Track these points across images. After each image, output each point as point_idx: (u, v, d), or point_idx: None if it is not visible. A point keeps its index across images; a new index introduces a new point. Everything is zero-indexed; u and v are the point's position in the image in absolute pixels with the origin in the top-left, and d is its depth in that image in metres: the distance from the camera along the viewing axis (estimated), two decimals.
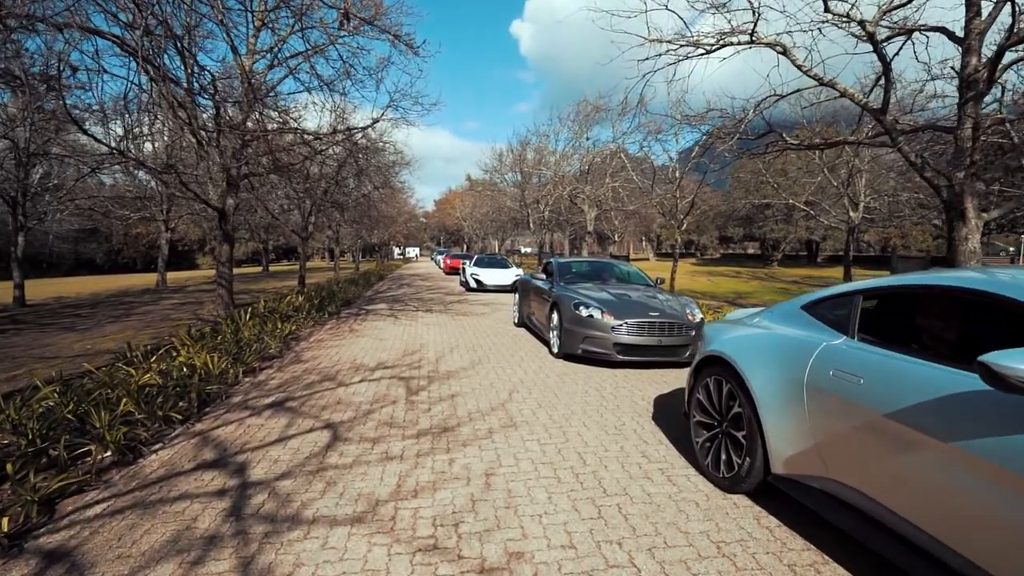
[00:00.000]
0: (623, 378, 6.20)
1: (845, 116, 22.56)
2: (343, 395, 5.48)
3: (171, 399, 5.02)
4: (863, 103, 8.90)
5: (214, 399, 5.56)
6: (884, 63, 8.23)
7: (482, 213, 54.18)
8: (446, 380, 6.09)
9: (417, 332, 9.78)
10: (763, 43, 9.70)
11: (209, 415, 5.02)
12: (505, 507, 3.05)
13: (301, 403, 5.22)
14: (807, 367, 2.62)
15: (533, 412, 4.84)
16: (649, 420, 4.65)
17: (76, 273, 45.66)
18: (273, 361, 7.45)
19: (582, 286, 7.90)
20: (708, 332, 3.73)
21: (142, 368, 6.07)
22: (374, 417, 4.75)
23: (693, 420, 3.59)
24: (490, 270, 20.19)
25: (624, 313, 6.55)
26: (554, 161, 30.97)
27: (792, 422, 2.66)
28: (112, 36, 7.23)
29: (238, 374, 6.44)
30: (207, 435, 4.41)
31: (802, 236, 41.61)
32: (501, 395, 5.43)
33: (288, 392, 5.65)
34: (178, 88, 8.63)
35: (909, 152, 8.38)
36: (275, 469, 3.62)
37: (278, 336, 8.64)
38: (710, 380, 3.38)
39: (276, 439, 4.23)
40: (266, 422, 4.68)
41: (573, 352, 6.81)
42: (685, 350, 6.63)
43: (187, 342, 7.44)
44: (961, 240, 7.96)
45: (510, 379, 6.12)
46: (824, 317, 2.82)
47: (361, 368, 6.75)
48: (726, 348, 3.25)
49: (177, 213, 25.87)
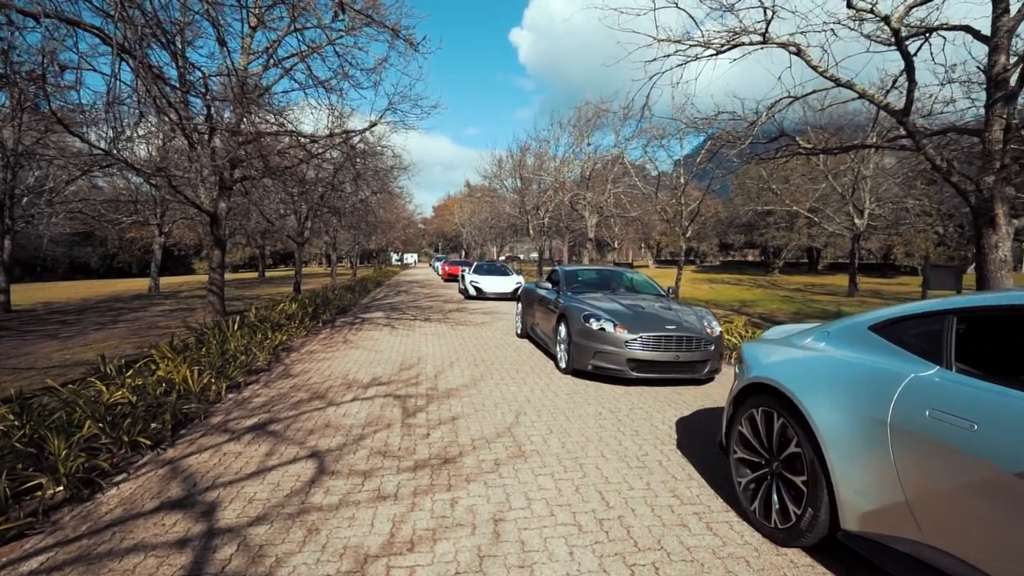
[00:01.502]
0: (638, 397, 5.72)
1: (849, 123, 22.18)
2: (333, 417, 4.98)
3: (141, 421, 4.52)
4: (883, 104, 8.48)
5: (192, 419, 5.07)
6: (908, 62, 7.81)
7: (481, 219, 53.79)
8: (446, 399, 5.59)
9: (415, 343, 9.28)
10: (776, 43, 9.31)
11: (184, 439, 4.52)
12: (519, 566, 2.55)
13: (286, 426, 4.72)
14: (890, 403, 2.15)
15: (544, 439, 4.35)
16: (674, 449, 4.16)
17: (71, 277, 45.09)
18: (260, 375, 6.95)
19: (590, 296, 7.42)
20: (750, 354, 3.24)
21: (115, 384, 5.58)
22: (366, 444, 4.25)
23: (734, 456, 3.11)
24: (490, 277, 19.68)
25: (638, 326, 6.07)
26: (554, 167, 30.58)
27: (871, 470, 2.18)
28: (92, 27, 6.77)
29: (221, 390, 5.94)
30: (178, 464, 3.91)
31: (803, 243, 41.26)
32: (507, 418, 4.94)
33: (273, 412, 5.16)
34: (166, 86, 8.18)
35: (935, 155, 7.95)
36: (249, 511, 3.13)
37: (267, 347, 8.14)
38: (756, 412, 2.90)
39: (254, 471, 3.73)
40: (245, 449, 4.18)
41: (583, 368, 6.32)
42: (704, 366, 6.15)
43: (168, 354, 6.94)
44: (991, 248, 7.51)
45: (516, 398, 5.62)
46: (904, 341, 2.35)
47: (354, 384, 6.25)
48: (778, 375, 2.77)
49: (171, 217, 25.37)
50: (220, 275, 13.75)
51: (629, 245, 68.42)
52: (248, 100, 9.30)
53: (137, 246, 46.53)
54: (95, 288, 29.63)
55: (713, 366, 6.24)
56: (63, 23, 5.94)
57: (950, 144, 12.02)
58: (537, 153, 32.50)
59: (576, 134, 28.13)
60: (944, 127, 8.63)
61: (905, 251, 32.83)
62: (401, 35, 7.25)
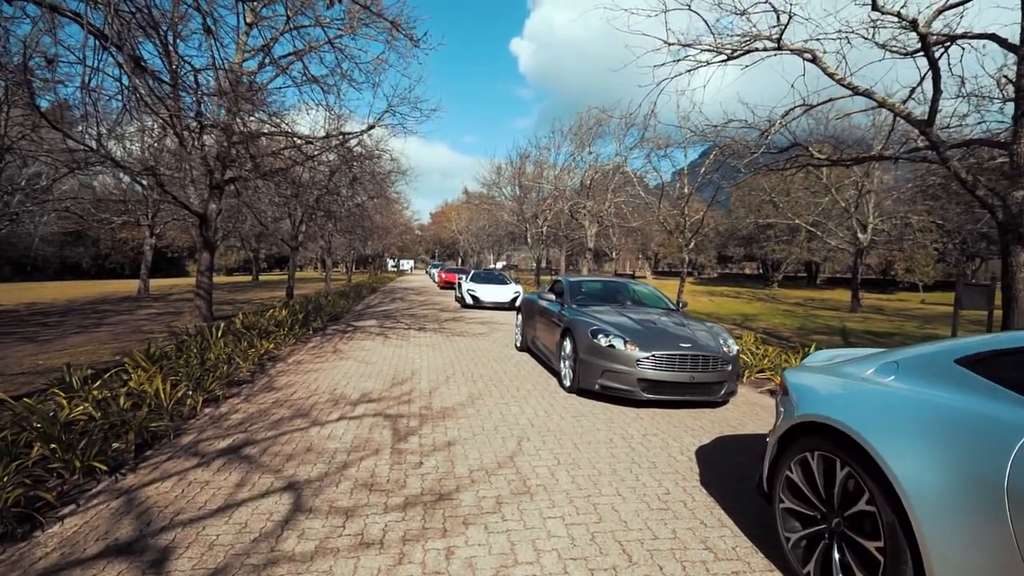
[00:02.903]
0: (651, 421, 5.25)
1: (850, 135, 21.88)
2: (316, 439, 4.50)
3: (100, 442, 4.03)
4: (905, 114, 8.11)
5: (160, 438, 4.58)
6: (935, 69, 7.44)
7: (478, 227, 53.43)
8: (441, 420, 5.11)
9: (408, 355, 8.80)
10: (790, 49, 8.96)
11: (148, 462, 4.03)
12: None
13: (263, 449, 4.24)
14: (1007, 461, 1.70)
15: (551, 471, 3.87)
16: (698, 486, 3.69)
17: (62, 278, 44.37)
18: (242, 387, 6.46)
19: (597, 309, 6.96)
20: (797, 385, 2.79)
21: (79, 396, 5.09)
22: (350, 474, 3.77)
23: (780, 506, 2.65)
24: (487, 286, 19.18)
25: (651, 344, 5.61)
26: (554, 175, 30.23)
27: (981, 545, 1.73)
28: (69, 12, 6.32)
29: (197, 405, 5.45)
30: (135, 495, 3.42)
31: (803, 257, 41.02)
32: (508, 444, 4.46)
33: (250, 432, 4.67)
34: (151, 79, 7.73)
35: (960, 168, 7.58)
36: (208, 560, 2.64)
37: (252, 357, 7.65)
38: (811, 456, 2.45)
39: (220, 506, 3.25)
40: (214, 477, 3.70)
41: (589, 388, 5.85)
42: (720, 388, 5.69)
43: (142, 363, 6.45)
44: (1020, 266, 7.13)
45: (517, 421, 5.15)
46: (1013, 382, 1.91)
47: (341, 401, 5.76)
48: (841, 414, 2.32)
49: (163, 218, 24.83)
50: (208, 278, 13.25)
51: (627, 255, 68.17)
52: (240, 97, 8.85)
53: (129, 247, 45.89)
54: (84, 289, 29.01)
55: (730, 388, 5.79)
56: (33, 3, 5.50)
57: (963, 158, 11.68)
58: (537, 161, 32.18)
59: (577, 142, 27.82)
60: (969, 139, 8.25)
61: (906, 267, 32.55)
62: (401, 30, 6.83)
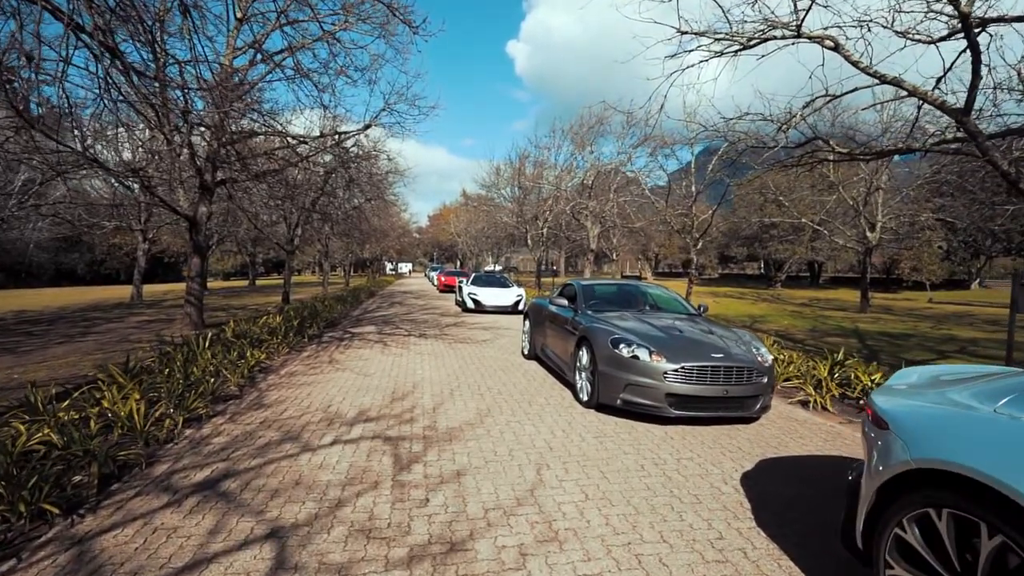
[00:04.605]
0: (681, 441, 4.70)
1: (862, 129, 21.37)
2: (306, 469, 3.94)
3: (54, 478, 3.48)
4: (939, 102, 7.58)
5: (131, 467, 4.02)
6: (975, 53, 6.90)
7: (477, 229, 52.89)
8: (447, 444, 4.56)
9: (409, 365, 8.24)
10: (810, 37, 8.44)
11: (112, 499, 3.48)
12: None
13: (245, 483, 3.68)
14: None
15: (579, 510, 3.32)
16: (755, 528, 3.14)
17: (57, 284, 43.82)
18: (229, 404, 5.91)
19: (613, 315, 6.41)
20: (898, 415, 2.23)
21: (42, 420, 4.54)
22: (345, 516, 3.21)
23: (888, 572, 2.09)
24: (489, 289, 18.60)
25: (679, 354, 5.06)
26: (555, 175, 29.70)
27: None
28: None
29: (177, 425, 4.91)
30: (89, 546, 2.87)
31: (805, 256, 40.54)
32: (526, 473, 3.91)
33: (232, 460, 4.11)
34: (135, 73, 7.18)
35: (1001, 160, 7.05)
36: None
37: (242, 369, 7.10)
38: (936, 514, 1.90)
39: (188, 563, 2.69)
40: (184, 522, 3.14)
41: (609, 403, 5.29)
42: (755, 402, 5.14)
43: (119, 379, 5.89)
44: None
45: (533, 443, 4.59)
46: None
47: (336, 420, 5.21)
48: (988, 466, 1.75)
49: (156, 223, 24.22)
50: (199, 284, 12.69)
51: (626, 256, 67.68)
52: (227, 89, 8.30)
53: (123, 252, 45.26)
54: (77, 295, 28.45)
55: (764, 402, 5.24)
56: None
57: (1007, 149, 11.11)
58: (537, 161, 31.66)
59: (578, 141, 27.29)
60: (1011, 128, 7.72)
61: (912, 266, 32.06)
62: (398, 14, 6.29)
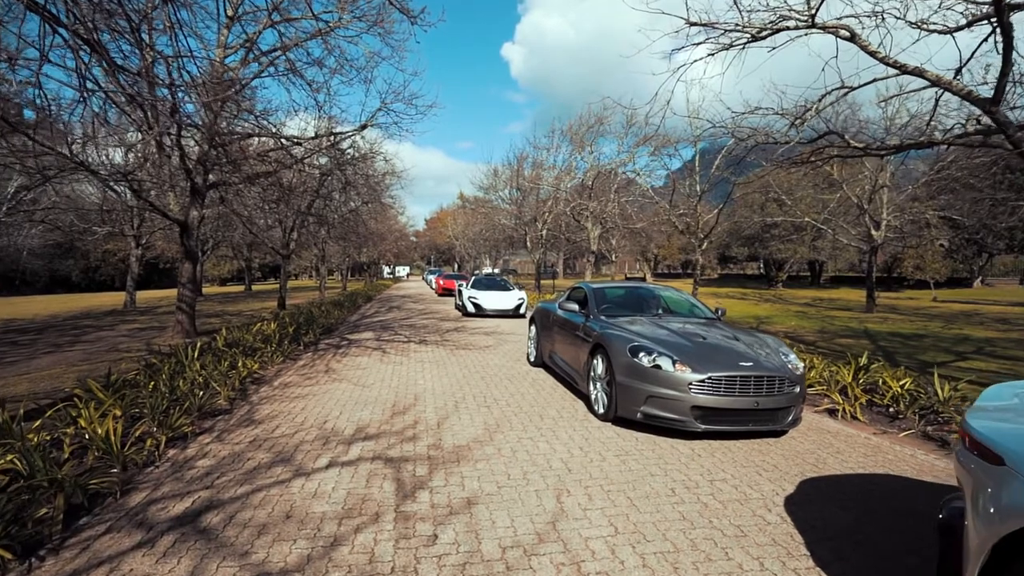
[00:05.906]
0: (710, 459, 4.30)
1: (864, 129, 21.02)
2: (299, 499, 3.53)
3: (11, 514, 3.07)
4: (964, 93, 7.22)
5: (104, 497, 3.61)
6: (1007, 38, 6.53)
7: (475, 232, 52.50)
8: (455, 465, 4.14)
9: (410, 374, 7.82)
10: (824, 27, 8.08)
11: (77, 537, 3.07)
12: None
13: (229, 516, 3.27)
14: None
15: (610, 547, 2.91)
16: (812, 567, 2.74)
17: (52, 291, 43.29)
18: (217, 420, 5.50)
19: (629, 320, 6.01)
20: (1011, 448, 1.84)
21: (8, 444, 4.12)
22: (341, 558, 2.80)
23: None
24: (490, 293, 18.18)
25: (705, 363, 4.66)
26: (554, 176, 29.33)
27: None
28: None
29: (159, 446, 4.50)
30: None
31: (807, 256, 40.21)
32: (545, 501, 3.50)
33: (217, 488, 3.70)
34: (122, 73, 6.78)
35: None
36: None
37: (233, 380, 6.68)
38: None
39: None
40: (156, 568, 2.73)
41: (629, 416, 4.89)
42: (787, 414, 4.75)
43: (99, 394, 5.47)
44: None
45: (550, 463, 4.18)
46: None
47: (332, 438, 4.79)
48: None
49: (149, 228, 23.76)
50: (190, 290, 12.26)
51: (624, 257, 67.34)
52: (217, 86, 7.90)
53: (117, 258, 44.77)
54: (70, 302, 27.96)
55: (797, 414, 4.84)
56: None
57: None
58: (536, 162, 31.27)
59: (577, 141, 26.92)
60: None
61: (915, 264, 31.72)
62: (395, 2, 5.90)
